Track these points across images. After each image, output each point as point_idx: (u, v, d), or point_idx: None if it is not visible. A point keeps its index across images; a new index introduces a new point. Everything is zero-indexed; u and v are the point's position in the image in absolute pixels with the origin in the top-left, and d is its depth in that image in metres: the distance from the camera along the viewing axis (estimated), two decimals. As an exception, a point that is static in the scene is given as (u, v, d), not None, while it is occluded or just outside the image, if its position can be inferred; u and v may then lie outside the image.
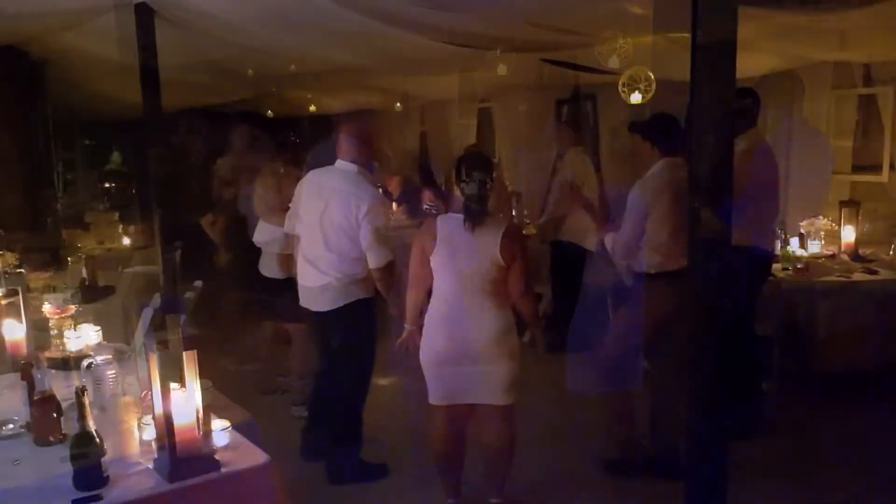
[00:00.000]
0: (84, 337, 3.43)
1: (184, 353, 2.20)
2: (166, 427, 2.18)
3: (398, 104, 9.69)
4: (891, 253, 5.24)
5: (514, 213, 7.16)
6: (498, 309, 3.36)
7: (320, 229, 3.93)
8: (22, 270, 3.64)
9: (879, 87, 5.76)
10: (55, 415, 2.52)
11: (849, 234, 5.50)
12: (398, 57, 5.18)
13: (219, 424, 2.46)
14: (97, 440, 2.18)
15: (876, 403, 4.82)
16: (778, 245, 5.31)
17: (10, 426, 2.64)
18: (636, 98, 5.52)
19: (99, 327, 3.55)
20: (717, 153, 2.14)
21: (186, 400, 2.22)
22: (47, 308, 3.54)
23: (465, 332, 3.34)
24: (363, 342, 4.06)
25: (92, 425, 2.19)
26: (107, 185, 12.79)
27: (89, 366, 2.92)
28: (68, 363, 3.29)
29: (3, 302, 3.44)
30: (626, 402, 4.05)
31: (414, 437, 4.36)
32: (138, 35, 4.13)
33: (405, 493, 3.97)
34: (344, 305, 3.95)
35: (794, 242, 5.50)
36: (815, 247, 5.54)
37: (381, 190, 9.11)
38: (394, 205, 9.29)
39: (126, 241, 7.85)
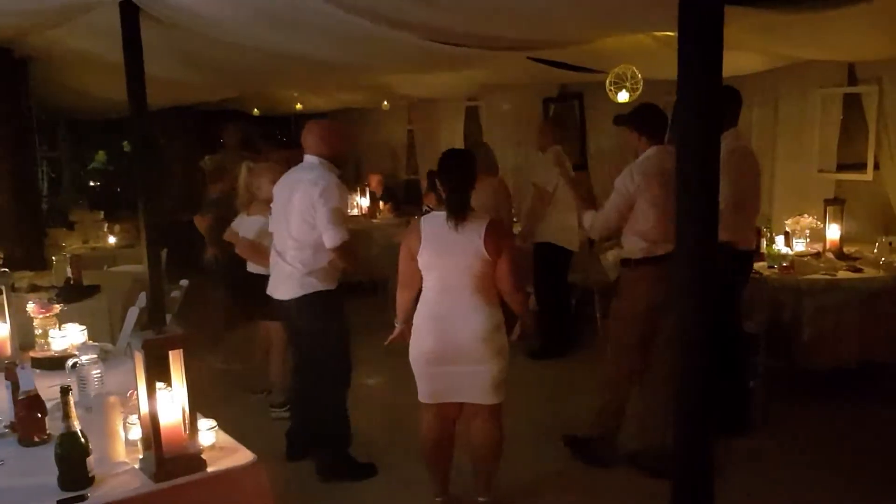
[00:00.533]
0: (69, 336, 3.42)
1: (170, 353, 2.19)
2: (152, 427, 2.17)
3: (385, 103, 9.67)
4: (875, 251, 5.27)
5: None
6: (486, 307, 3.35)
7: (285, 218, 4.00)
8: (6, 269, 3.60)
9: (864, 86, 5.81)
10: (40, 415, 2.50)
11: (833, 233, 5.53)
12: (387, 56, 5.16)
13: (205, 424, 2.45)
14: (82, 440, 2.17)
15: (860, 400, 4.87)
16: (763, 243, 5.34)
17: (-5, 426, 2.62)
18: (623, 96, 5.53)
19: (84, 327, 3.54)
20: (703, 152, 2.14)
21: (172, 399, 2.21)
22: (32, 307, 3.52)
23: (453, 331, 3.34)
24: (328, 334, 4.04)
25: (77, 425, 2.17)
26: (91, 183, 12.73)
27: (74, 365, 2.90)
28: (53, 363, 3.27)
29: (-13, 301, 3.41)
30: (620, 392, 4.05)
31: (403, 436, 4.36)
32: (123, 33, 4.11)
33: (393, 492, 3.96)
34: (303, 296, 3.96)
35: (780, 241, 5.53)
36: (800, 245, 5.56)
37: (367, 188, 9.04)
38: (380, 203, 9.33)
39: (111, 239, 7.82)
